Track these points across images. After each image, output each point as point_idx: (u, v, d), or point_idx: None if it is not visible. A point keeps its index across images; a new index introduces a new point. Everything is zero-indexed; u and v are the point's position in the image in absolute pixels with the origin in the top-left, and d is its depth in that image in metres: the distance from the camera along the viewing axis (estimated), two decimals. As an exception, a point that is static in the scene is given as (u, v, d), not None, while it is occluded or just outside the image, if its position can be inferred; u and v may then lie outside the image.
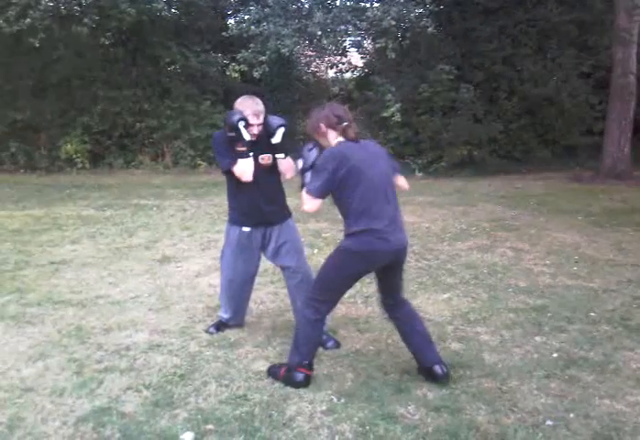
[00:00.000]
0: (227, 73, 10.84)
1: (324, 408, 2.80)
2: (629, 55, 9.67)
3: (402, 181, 3.16)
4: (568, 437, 2.57)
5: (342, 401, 2.86)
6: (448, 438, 2.56)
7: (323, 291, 2.99)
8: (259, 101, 3.35)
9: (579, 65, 11.75)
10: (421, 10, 10.63)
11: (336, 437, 2.58)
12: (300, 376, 2.98)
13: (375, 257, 2.89)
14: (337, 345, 3.49)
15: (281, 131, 3.30)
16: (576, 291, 4.43)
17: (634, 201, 8.06)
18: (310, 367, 3.03)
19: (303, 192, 2.88)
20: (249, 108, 3.27)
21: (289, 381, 2.99)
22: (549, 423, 2.67)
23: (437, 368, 2.98)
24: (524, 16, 11.71)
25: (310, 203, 2.86)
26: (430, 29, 9.79)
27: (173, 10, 12.16)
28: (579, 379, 3.06)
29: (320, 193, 2.84)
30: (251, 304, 4.20)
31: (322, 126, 2.94)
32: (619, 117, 9.86)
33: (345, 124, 2.90)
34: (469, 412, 2.76)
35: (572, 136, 11.93)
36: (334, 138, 2.94)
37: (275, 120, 3.34)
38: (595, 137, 11.41)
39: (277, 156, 3.35)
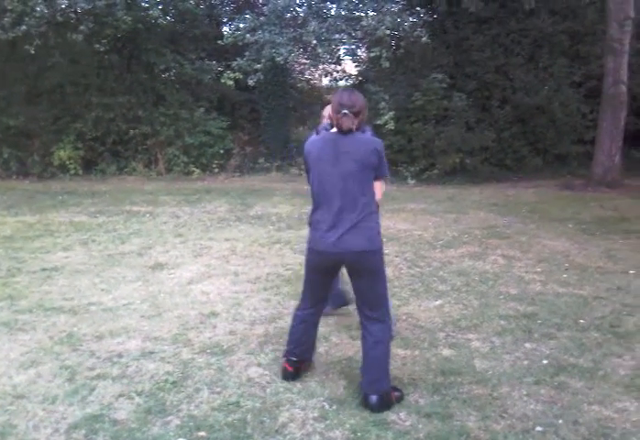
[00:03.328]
0: (222, 81, 10.86)
1: (316, 414, 2.82)
2: (620, 64, 9.78)
3: (379, 187, 2.94)
4: (557, 443, 2.60)
5: (334, 407, 2.88)
6: (439, 444, 2.58)
7: (304, 285, 3.14)
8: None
9: (570, 74, 11.85)
10: (415, 20, 10.72)
11: (328, 444, 2.60)
12: (284, 370, 3.16)
13: (317, 252, 2.90)
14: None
15: None
16: (566, 298, 4.47)
17: (624, 209, 8.13)
18: (290, 362, 3.13)
19: None
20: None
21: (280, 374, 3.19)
22: (539, 428, 2.70)
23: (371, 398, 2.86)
24: (516, 25, 11.82)
25: None
26: (424, 39, 9.86)
27: (169, 18, 12.18)
28: (568, 386, 3.09)
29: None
30: (244, 311, 4.23)
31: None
32: (610, 126, 9.95)
33: (340, 113, 2.74)
34: (460, 419, 2.78)
35: (563, 144, 12.01)
36: (332, 127, 2.93)
37: None
38: (586, 146, 11.50)
39: None
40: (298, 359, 3.13)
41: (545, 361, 3.39)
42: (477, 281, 4.92)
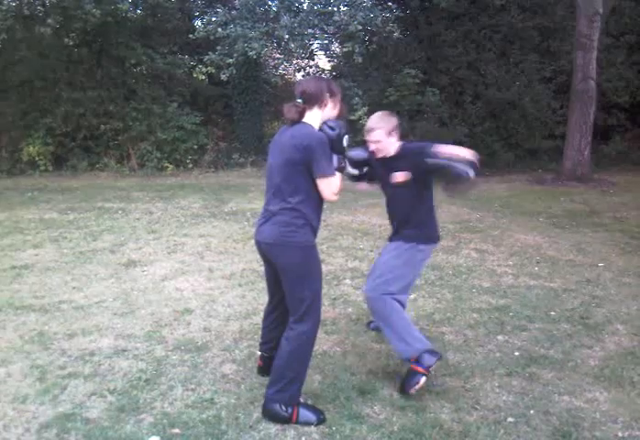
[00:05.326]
0: (195, 75, 10.77)
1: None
2: (589, 60, 9.95)
3: (322, 186, 2.63)
4: (528, 433, 2.64)
5: (309, 402, 2.87)
6: (413, 437, 2.60)
7: None
8: (375, 118, 3.17)
9: (540, 70, 12.03)
10: (387, 15, 10.74)
11: (303, 438, 2.60)
12: (258, 365, 3.17)
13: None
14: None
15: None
16: (537, 290, 4.54)
17: (593, 202, 8.29)
18: (262, 357, 3.11)
19: None
20: None
21: None
22: (510, 419, 2.75)
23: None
24: (487, 21, 11.95)
25: None
26: (396, 34, 9.94)
27: (139, 11, 12.03)
28: (539, 377, 3.15)
29: None
30: (219, 308, 4.20)
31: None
32: (579, 121, 10.13)
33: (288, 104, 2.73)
34: (434, 411, 2.81)
35: (534, 139, 12.20)
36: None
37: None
38: (556, 141, 11.70)
39: None
40: (269, 356, 3.07)
41: (516, 353, 3.44)
42: (450, 275, 4.97)
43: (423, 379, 2.89)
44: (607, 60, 11.81)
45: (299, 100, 2.69)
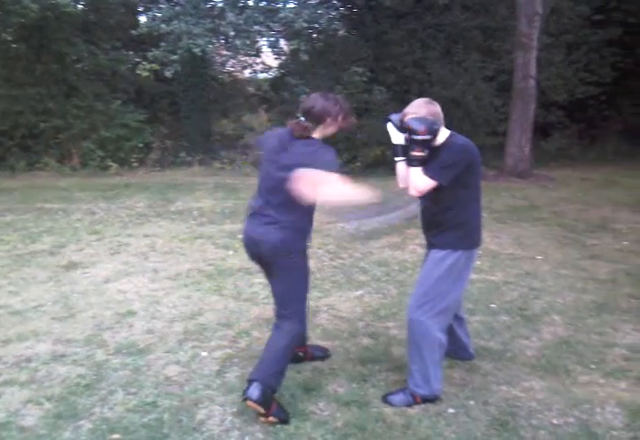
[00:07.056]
0: (138, 72, 10.51)
1: (234, 410, 2.80)
2: (529, 59, 10.23)
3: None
4: (468, 423, 2.71)
5: (253, 401, 2.87)
6: (357, 431, 2.63)
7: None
8: (413, 103, 2.85)
9: (483, 69, 12.31)
10: (333, 13, 10.78)
11: (247, 438, 2.59)
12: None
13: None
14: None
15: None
16: (479, 284, 4.65)
17: (532, 198, 8.56)
18: None
19: None
20: None
21: None
22: (451, 410, 2.81)
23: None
24: (432, 20, 12.13)
25: None
26: (341, 32, 9.97)
27: (80, 6, 11.67)
28: (479, 368, 3.23)
29: None
30: (163, 309, 4.13)
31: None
32: (520, 119, 10.42)
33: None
34: (377, 405, 2.85)
35: (478, 136, 12.42)
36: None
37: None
38: (499, 138, 11.97)
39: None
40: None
41: (458, 346, 3.52)
42: (396, 271, 5.04)
43: (411, 404, 2.83)
44: (546, 59, 12.16)
45: (302, 117, 2.70)
